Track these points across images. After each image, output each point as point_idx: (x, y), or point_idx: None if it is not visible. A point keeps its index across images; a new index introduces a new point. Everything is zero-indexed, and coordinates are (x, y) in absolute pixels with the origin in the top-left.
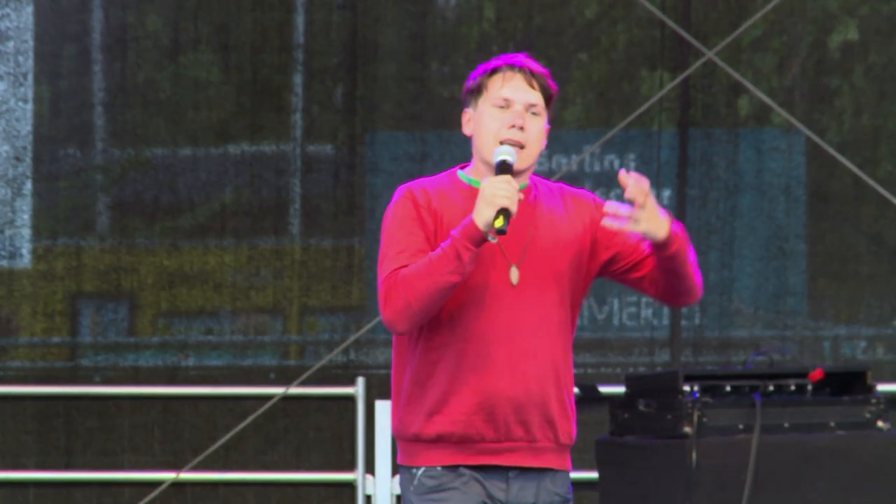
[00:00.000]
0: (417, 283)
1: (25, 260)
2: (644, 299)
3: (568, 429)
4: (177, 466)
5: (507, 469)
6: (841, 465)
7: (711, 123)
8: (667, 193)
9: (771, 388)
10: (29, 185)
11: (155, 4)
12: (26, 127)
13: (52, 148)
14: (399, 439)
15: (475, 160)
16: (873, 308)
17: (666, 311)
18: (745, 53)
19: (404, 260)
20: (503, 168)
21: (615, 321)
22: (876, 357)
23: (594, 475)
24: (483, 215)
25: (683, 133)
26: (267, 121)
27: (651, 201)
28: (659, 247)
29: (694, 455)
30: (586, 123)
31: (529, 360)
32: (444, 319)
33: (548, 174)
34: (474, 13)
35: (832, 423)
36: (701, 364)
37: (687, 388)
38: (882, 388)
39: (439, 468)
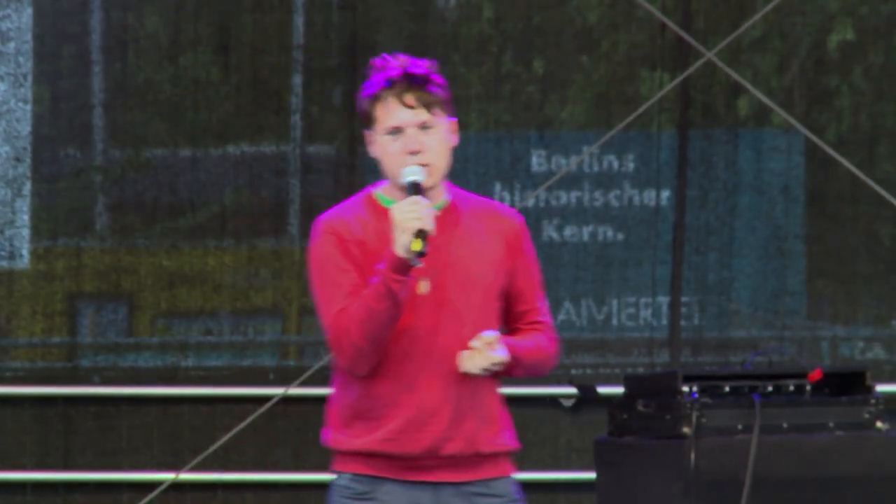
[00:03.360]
0: (360, 326)
1: (25, 260)
2: (643, 299)
3: (492, 437)
4: (176, 467)
5: (437, 483)
6: (840, 465)
7: (711, 124)
8: (666, 194)
9: (770, 388)
10: (29, 186)
11: (155, 5)
12: (26, 127)
13: (52, 148)
14: (334, 450)
15: (389, 181)
16: (872, 308)
17: (665, 311)
18: (745, 54)
19: (341, 301)
20: (414, 189)
21: (614, 321)
22: (874, 357)
23: (592, 475)
24: (401, 242)
25: (683, 134)
26: (266, 121)
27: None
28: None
29: (692, 455)
30: (585, 124)
31: (437, 374)
32: None
33: (547, 175)
34: (474, 14)
35: (831, 424)
36: (700, 364)
37: (686, 388)
38: (881, 388)
39: (368, 476)
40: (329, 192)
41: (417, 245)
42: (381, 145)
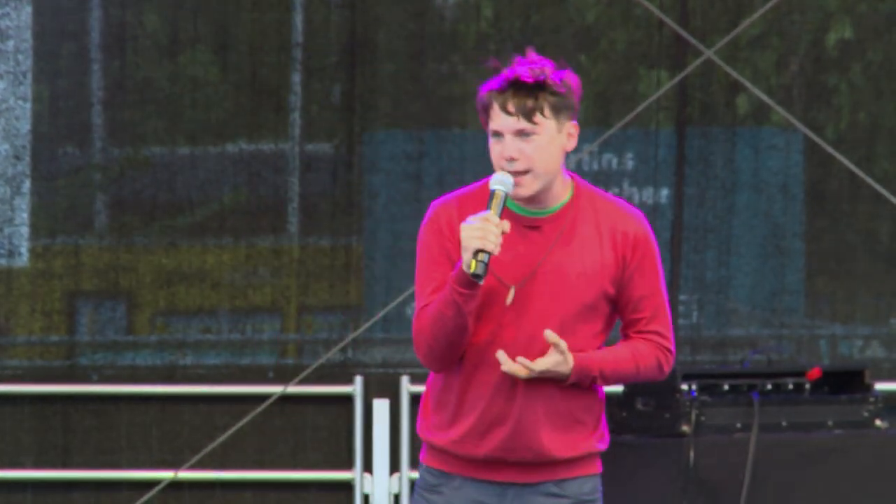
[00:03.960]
0: (431, 329)
1: (24, 258)
2: None
3: (565, 445)
4: (175, 465)
5: (502, 483)
6: (839, 463)
7: (709, 122)
8: (664, 192)
9: (769, 386)
10: (27, 184)
11: (153, 3)
12: (25, 125)
13: (51, 146)
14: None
15: None
16: (870, 306)
17: None
18: (743, 52)
19: (428, 296)
20: (492, 198)
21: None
22: (873, 356)
23: None
24: (464, 260)
25: (681, 132)
26: (265, 120)
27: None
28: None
29: (692, 454)
30: (584, 122)
31: (506, 383)
32: None
33: None
34: (472, 12)
35: (830, 422)
36: (698, 363)
37: (685, 386)
38: (880, 386)
39: (439, 470)
40: (328, 190)
41: (474, 266)
42: (490, 146)
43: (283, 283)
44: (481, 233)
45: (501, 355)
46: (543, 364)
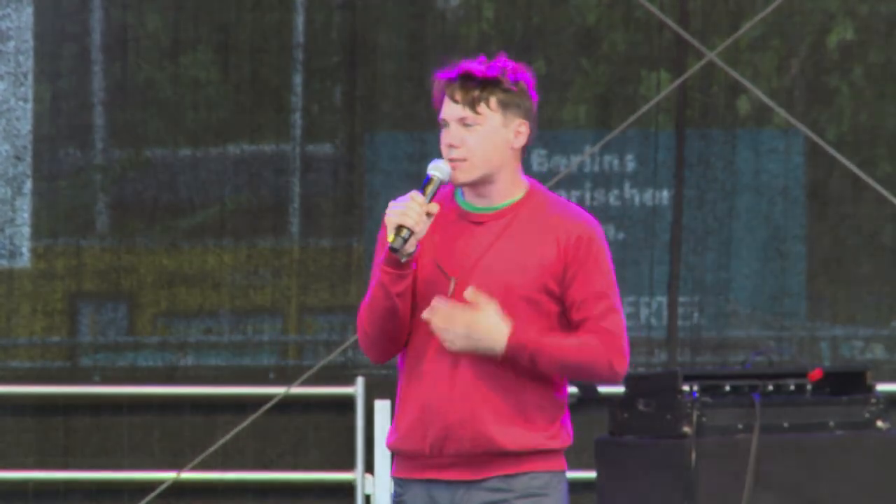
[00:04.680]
0: (367, 315)
1: (25, 259)
2: (642, 299)
3: (511, 436)
4: (176, 466)
5: (451, 482)
6: (840, 464)
7: (710, 124)
8: (664, 194)
9: (770, 387)
10: (29, 185)
11: (155, 4)
12: (26, 126)
13: (52, 147)
14: None
15: None
16: (871, 308)
17: (664, 311)
18: (744, 54)
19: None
20: (427, 183)
21: None
22: (874, 357)
23: (593, 475)
24: (389, 236)
25: (681, 134)
26: (266, 120)
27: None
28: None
29: (693, 455)
30: (585, 124)
31: (459, 374)
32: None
33: (547, 175)
34: (473, 13)
35: (831, 423)
36: (698, 364)
37: (686, 387)
38: (881, 388)
39: (399, 478)
40: (329, 191)
41: (391, 239)
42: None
43: (283, 284)
44: (403, 209)
45: (427, 312)
46: (462, 316)
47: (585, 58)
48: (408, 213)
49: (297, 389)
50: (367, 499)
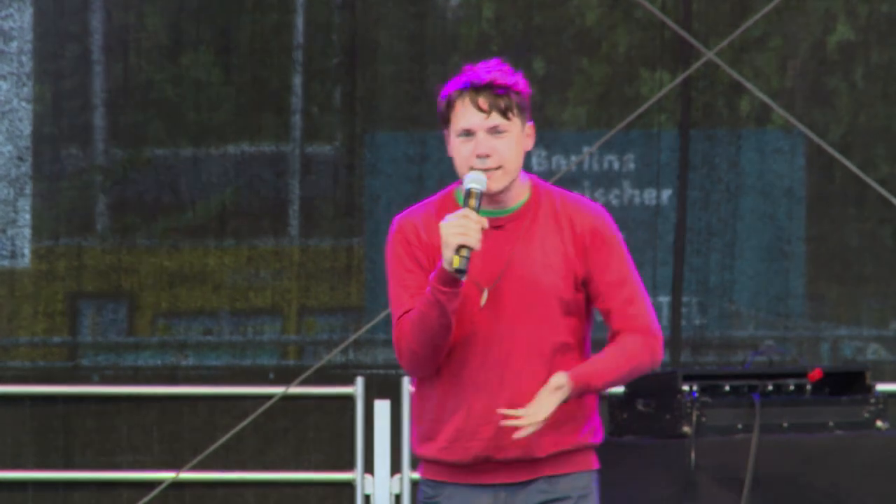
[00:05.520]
0: (415, 334)
1: (26, 260)
2: None
3: (554, 441)
4: (176, 466)
5: (494, 485)
6: (840, 464)
7: (712, 124)
8: (667, 194)
9: (770, 387)
10: (30, 186)
11: (156, 5)
12: (28, 127)
13: (54, 148)
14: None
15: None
16: (873, 309)
17: (666, 311)
18: (745, 54)
19: (406, 303)
20: (468, 197)
21: None
22: (875, 358)
23: None
24: (445, 257)
25: (684, 134)
26: (267, 122)
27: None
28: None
29: (693, 455)
30: (586, 124)
31: (488, 384)
32: None
33: (547, 175)
34: (473, 14)
35: (831, 423)
36: (701, 364)
37: (686, 387)
38: (881, 388)
39: (433, 481)
40: (329, 192)
41: (457, 262)
42: (454, 146)
43: (284, 285)
44: (462, 228)
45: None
46: (546, 406)
47: (586, 58)
48: (468, 232)
49: (296, 389)
50: (367, 499)
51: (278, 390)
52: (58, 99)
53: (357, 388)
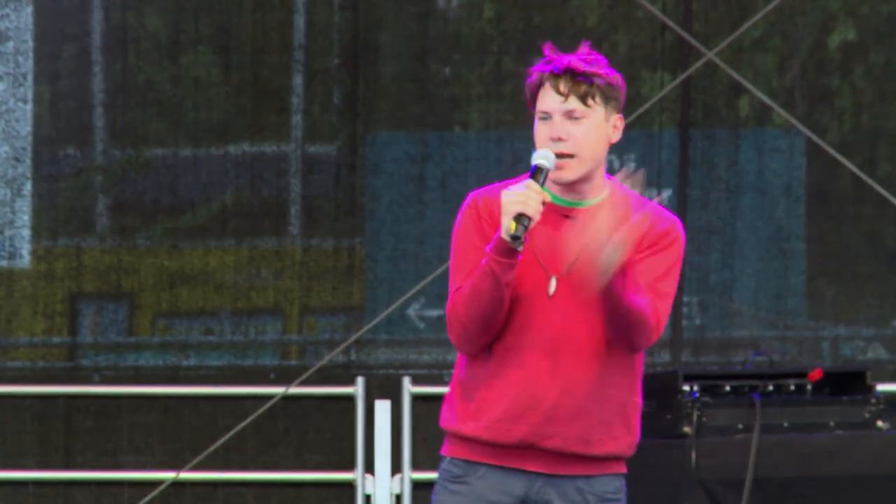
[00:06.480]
0: (467, 306)
1: (25, 260)
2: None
3: (596, 441)
4: (176, 466)
5: (531, 472)
6: (840, 464)
7: (712, 124)
8: (667, 194)
9: (770, 388)
10: (29, 186)
11: (155, 5)
12: (26, 127)
13: (52, 148)
14: (443, 429)
15: None
16: (873, 309)
17: None
18: (746, 54)
19: (462, 280)
20: (536, 171)
21: None
22: (875, 357)
23: None
24: (503, 225)
25: (684, 134)
26: (267, 121)
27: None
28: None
29: (693, 455)
30: None
31: (542, 369)
32: None
33: None
34: (475, 14)
35: (831, 423)
36: (701, 364)
37: (686, 387)
38: (881, 388)
39: (464, 460)
40: (330, 192)
41: (513, 228)
42: (535, 128)
43: (285, 285)
44: (523, 197)
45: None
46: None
47: None
48: (528, 201)
49: (297, 389)
50: (368, 499)
51: (279, 390)
52: (56, 99)
53: (358, 389)
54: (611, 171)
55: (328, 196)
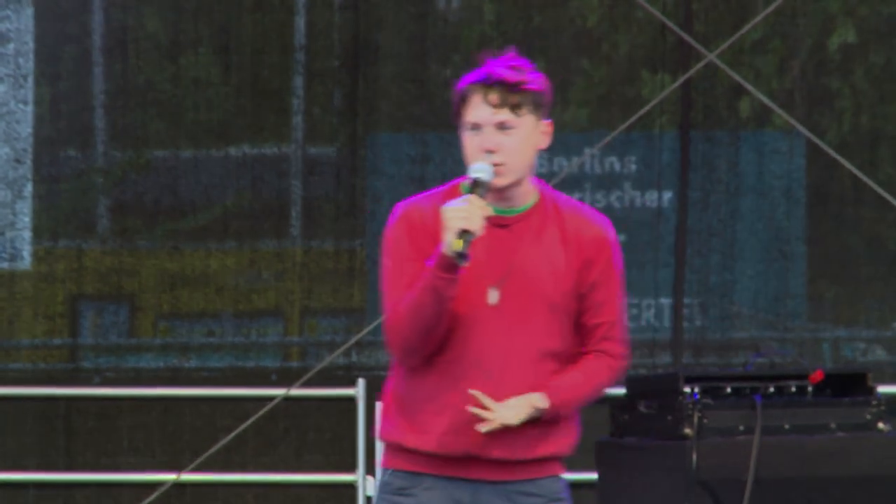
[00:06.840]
0: (408, 320)
1: (26, 262)
2: (645, 301)
3: (539, 443)
4: (177, 468)
5: (476, 480)
6: (841, 466)
7: (712, 126)
8: (668, 196)
9: (771, 389)
10: (29, 188)
11: (155, 6)
12: (27, 129)
13: (53, 150)
14: (382, 441)
15: None
16: (873, 310)
17: (667, 313)
18: (746, 55)
19: (399, 293)
20: (474, 185)
21: None
22: (875, 359)
23: (593, 476)
24: (446, 241)
25: (685, 135)
26: (268, 123)
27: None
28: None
29: (694, 456)
30: (587, 126)
31: (496, 382)
32: None
33: (548, 177)
34: (475, 15)
35: (832, 425)
36: (702, 366)
37: (687, 389)
38: (882, 389)
39: (408, 472)
40: (331, 193)
41: (459, 245)
42: (464, 140)
43: (286, 287)
44: (465, 213)
45: (475, 408)
46: (516, 415)
47: (587, 59)
48: (471, 217)
49: (298, 391)
50: (368, 500)
51: (280, 392)
52: (57, 100)
53: (359, 390)
54: (611, 175)
55: (329, 197)
